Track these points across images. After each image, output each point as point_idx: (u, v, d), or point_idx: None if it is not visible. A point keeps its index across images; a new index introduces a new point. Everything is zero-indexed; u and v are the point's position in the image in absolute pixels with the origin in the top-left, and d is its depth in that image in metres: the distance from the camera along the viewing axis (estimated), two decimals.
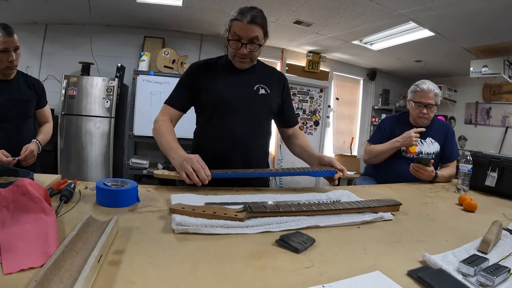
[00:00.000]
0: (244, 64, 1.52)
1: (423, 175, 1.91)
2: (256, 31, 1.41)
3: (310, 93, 6.12)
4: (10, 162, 1.72)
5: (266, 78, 1.60)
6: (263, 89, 1.56)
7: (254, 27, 1.40)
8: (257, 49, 1.46)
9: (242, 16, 1.38)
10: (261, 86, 1.56)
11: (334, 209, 1.03)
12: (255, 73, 1.58)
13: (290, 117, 1.72)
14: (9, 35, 1.76)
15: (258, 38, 1.43)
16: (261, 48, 1.49)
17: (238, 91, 1.53)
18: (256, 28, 1.40)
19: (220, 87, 1.53)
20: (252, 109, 1.53)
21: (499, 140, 5.27)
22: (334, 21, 4.03)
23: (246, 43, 1.42)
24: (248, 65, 1.54)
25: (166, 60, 4.46)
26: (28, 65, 4.28)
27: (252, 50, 1.45)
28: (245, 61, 1.50)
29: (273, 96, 1.59)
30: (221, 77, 1.55)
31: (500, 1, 2.93)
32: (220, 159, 1.48)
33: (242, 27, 1.39)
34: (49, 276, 0.53)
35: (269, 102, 1.58)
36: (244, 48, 1.43)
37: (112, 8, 4.05)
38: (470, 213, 1.31)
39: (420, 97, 2.10)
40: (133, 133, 4.32)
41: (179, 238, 0.79)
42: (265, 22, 1.45)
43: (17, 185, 0.77)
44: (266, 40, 1.51)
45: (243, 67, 1.53)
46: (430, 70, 5.73)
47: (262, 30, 1.44)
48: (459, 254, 0.79)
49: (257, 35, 1.42)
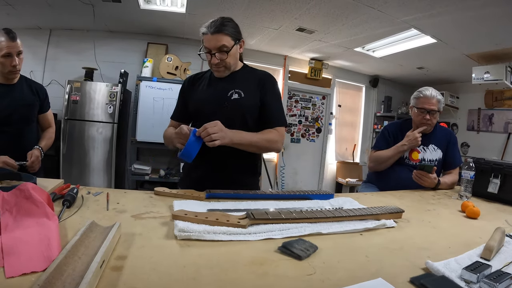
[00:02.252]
0: (220, 73, 1.57)
1: (426, 182, 1.90)
2: (222, 39, 1.45)
3: (312, 100, 6.13)
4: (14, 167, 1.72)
5: (245, 82, 1.60)
6: (237, 93, 1.57)
7: (219, 36, 1.45)
8: (226, 56, 1.49)
9: (207, 29, 1.46)
10: (235, 91, 1.57)
11: (336, 216, 1.03)
12: (234, 79, 1.60)
13: (268, 116, 1.60)
14: (12, 40, 1.77)
15: (226, 46, 1.47)
16: (233, 54, 1.52)
17: (211, 99, 1.59)
18: (221, 37, 1.45)
19: (197, 97, 1.64)
20: (226, 115, 1.52)
21: (502, 146, 5.25)
22: (336, 28, 4.04)
23: (215, 53, 1.48)
24: (226, 73, 1.58)
25: (169, 66, 4.48)
26: (32, 70, 4.31)
27: (222, 58, 1.49)
28: (219, 69, 1.55)
29: (248, 98, 1.57)
30: (201, 88, 1.66)
31: (501, 8, 2.94)
32: (203, 165, 1.57)
33: (208, 39, 1.47)
34: (51, 281, 0.53)
35: (242, 105, 1.56)
36: (214, 58, 1.49)
37: (116, 14, 4.09)
38: (473, 220, 1.30)
39: (423, 103, 2.10)
40: (136, 138, 4.32)
41: (181, 244, 0.79)
42: (232, 28, 1.49)
43: (20, 189, 0.78)
44: (242, 45, 1.58)
45: (221, 75, 1.58)
46: (432, 77, 5.73)
47: (230, 37, 1.48)
48: (462, 261, 0.78)
49: (224, 44, 1.46)
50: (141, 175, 4.38)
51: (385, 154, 2.16)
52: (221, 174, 1.57)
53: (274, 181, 5.80)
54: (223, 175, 1.57)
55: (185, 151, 1.30)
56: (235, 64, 1.59)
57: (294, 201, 1.31)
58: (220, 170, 1.57)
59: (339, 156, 6.39)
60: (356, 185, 5.93)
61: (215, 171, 1.58)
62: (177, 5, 3.81)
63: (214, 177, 1.55)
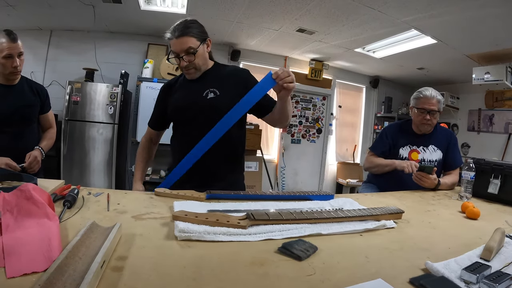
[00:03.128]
0: (191, 75, 1.58)
1: (426, 183, 1.90)
2: (187, 42, 1.47)
3: (313, 101, 6.13)
4: (16, 169, 1.73)
5: (219, 80, 1.60)
6: (212, 92, 1.57)
7: (184, 39, 1.47)
8: (193, 58, 1.51)
9: (172, 34, 1.48)
10: (210, 90, 1.57)
11: (336, 217, 1.03)
12: (207, 79, 1.61)
13: (265, 103, 1.56)
14: (13, 41, 1.78)
15: (193, 47, 1.49)
16: (200, 54, 1.53)
17: (188, 102, 1.60)
18: (186, 40, 1.47)
19: (173, 102, 1.65)
20: (203, 115, 1.55)
21: (502, 147, 5.25)
22: (336, 29, 4.05)
23: (182, 56, 1.50)
24: (197, 74, 1.59)
25: (169, 67, 4.48)
26: (33, 70, 4.32)
27: (190, 60, 1.51)
28: (190, 71, 1.56)
29: (225, 95, 1.55)
30: (177, 91, 1.67)
31: (501, 8, 2.94)
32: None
33: (174, 43, 1.49)
34: (52, 281, 0.53)
35: (218, 103, 1.53)
36: (182, 61, 1.51)
37: (117, 15, 4.10)
38: (473, 220, 1.30)
39: (423, 103, 2.10)
40: (136, 139, 4.33)
41: (182, 245, 0.79)
42: (196, 29, 1.51)
43: (21, 189, 0.78)
44: (209, 44, 1.60)
45: (192, 77, 1.59)
46: (433, 77, 5.73)
47: (196, 38, 1.49)
48: (462, 262, 0.78)
49: (190, 46, 1.48)
50: None
51: (379, 162, 2.18)
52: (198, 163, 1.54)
53: (274, 181, 5.80)
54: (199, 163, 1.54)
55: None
56: (205, 64, 1.60)
57: (294, 201, 1.31)
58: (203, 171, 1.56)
59: (340, 157, 6.39)
60: (356, 185, 5.93)
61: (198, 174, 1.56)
62: (177, 6, 3.82)
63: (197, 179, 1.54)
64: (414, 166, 1.92)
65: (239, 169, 1.73)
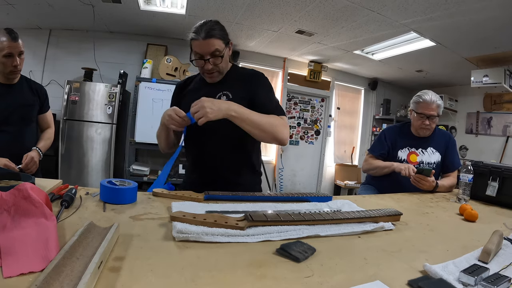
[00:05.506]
0: (214, 78, 1.54)
1: (424, 186, 1.91)
2: (214, 44, 1.42)
3: (311, 103, 6.14)
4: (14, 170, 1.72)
5: (233, 83, 1.55)
6: (224, 95, 1.52)
7: (211, 41, 1.41)
8: (220, 61, 1.46)
9: (197, 34, 1.40)
10: (223, 94, 1.52)
11: (334, 218, 1.03)
12: (222, 81, 1.57)
13: (264, 108, 1.47)
14: (14, 40, 1.77)
15: (219, 50, 1.44)
16: (225, 58, 1.49)
17: None
18: (213, 41, 1.41)
19: (186, 102, 1.58)
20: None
21: (500, 149, 5.26)
22: (336, 31, 4.06)
23: (208, 58, 1.44)
24: (219, 78, 1.55)
25: (168, 67, 4.48)
26: (31, 70, 4.32)
27: (216, 63, 1.46)
28: (213, 75, 1.52)
29: (236, 100, 1.46)
30: (191, 93, 1.61)
31: (500, 11, 2.96)
32: (200, 170, 1.61)
33: (200, 45, 1.42)
34: (49, 281, 0.53)
35: None
36: (208, 64, 1.46)
37: (116, 15, 4.10)
38: (471, 223, 1.30)
39: (423, 108, 2.10)
40: (135, 139, 4.33)
41: (179, 246, 0.79)
42: (222, 32, 1.46)
43: (19, 189, 0.77)
44: (231, 48, 1.55)
45: (214, 81, 1.55)
46: (431, 80, 5.74)
47: (222, 41, 1.44)
48: (460, 264, 0.78)
49: (217, 48, 1.43)
50: (140, 176, 4.38)
51: (378, 164, 2.19)
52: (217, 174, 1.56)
53: (272, 183, 5.80)
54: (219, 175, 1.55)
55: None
56: (226, 68, 1.57)
57: (292, 203, 1.31)
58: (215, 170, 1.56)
59: (338, 159, 6.40)
60: (354, 187, 5.94)
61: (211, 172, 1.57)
62: (177, 6, 3.82)
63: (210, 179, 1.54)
64: (412, 170, 1.93)
65: (257, 173, 1.68)
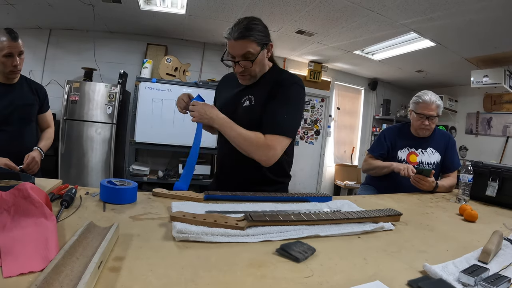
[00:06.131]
0: (246, 81, 1.45)
1: (424, 186, 1.91)
2: (246, 46, 1.31)
3: (311, 103, 6.14)
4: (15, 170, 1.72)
5: (261, 88, 1.43)
6: (248, 100, 1.44)
7: (242, 42, 1.30)
8: (251, 65, 1.35)
9: (231, 34, 1.30)
10: (248, 98, 1.44)
11: (334, 218, 1.03)
12: (255, 84, 1.46)
13: (264, 119, 1.38)
14: (14, 40, 1.77)
15: (252, 53, 1.32)
16: (259, 61, 1.37)
17: (227, 104, 1.50)
18: (245, 43, 1.30)
19: (220, 97, 1.60)
20: (237, 122, 1.36)
21: (500, 150, 5.26)
22: (336, 31, 4.06)
23: (239, 61, 1.35)
24: (251, 81, 1.45)
25: (168, 67, 4.48)
26: (31, 69, 4.33)
27: (247, 66, 1.35)
28: (245, 77, 1.42)
29: (257, 106, 1.41)
30: (224, 91, 1.60)
31: (500, 12, 2.96)
32: (221, 170, 1.62)
33: (231, 45, 1.33)
34: (49, 281, 0.53)
35: (250, 114, 1.42)
36: (238, 66, 1.36)
37: (116, 15, 4.10)
38: (471, 223, 1.30)
39: (423, 108, 2.10)
40: (134, 139, 4.32)
41: (179, 245, 0.79)
42: (259, 32, 1.32)
43: (19, 189, 0.77)
44: (270, 49, 1.42)
45: (246, 83, 1.46)
46: (431, 80, 5.75)
47: (256, 43, 1.32)
48: (460, 264, 0.78)
49: (248, 50, 1.31)
50: (140, 176, 4.37)
51: (378, 164, 2.19)
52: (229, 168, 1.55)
53: None
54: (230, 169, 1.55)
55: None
56: (261, 71, 1.44)
57: (292, 203, 1.31)
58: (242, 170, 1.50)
59: (338, 159, 6.39)
60: (354, 187, 5.94)
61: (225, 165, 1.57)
62: (177, 6, 3.82)
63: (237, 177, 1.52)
64: (411, 171, 1.93)
65: (285, 175, 1.60)
